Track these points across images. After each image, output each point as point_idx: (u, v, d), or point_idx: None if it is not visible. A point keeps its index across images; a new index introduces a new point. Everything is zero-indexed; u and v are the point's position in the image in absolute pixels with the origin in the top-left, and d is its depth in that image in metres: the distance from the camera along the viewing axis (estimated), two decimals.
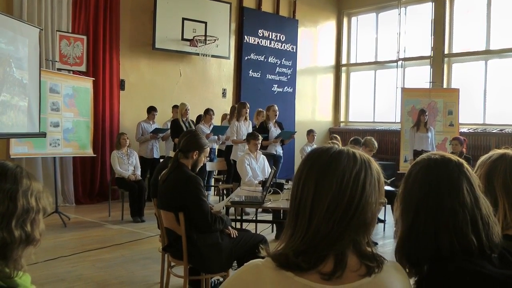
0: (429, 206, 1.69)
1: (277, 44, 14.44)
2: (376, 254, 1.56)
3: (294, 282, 1.49)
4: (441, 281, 1.61)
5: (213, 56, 12.36)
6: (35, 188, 1.72)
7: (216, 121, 11.57)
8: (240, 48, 13.69)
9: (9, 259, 1.61)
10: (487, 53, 13.09)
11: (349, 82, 16.61)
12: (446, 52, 13.70)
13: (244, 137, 9.35)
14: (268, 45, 14.23)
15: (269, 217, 8.44)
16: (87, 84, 9.87)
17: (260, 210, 8.27)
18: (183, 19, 11.97)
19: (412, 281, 1.67)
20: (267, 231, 7.80)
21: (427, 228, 1.68)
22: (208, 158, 9.41)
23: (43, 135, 8.46)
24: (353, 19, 16.45)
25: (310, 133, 12.14)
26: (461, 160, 1.80)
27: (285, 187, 6.89)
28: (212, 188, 11.40)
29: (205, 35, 12.11)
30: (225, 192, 10.40)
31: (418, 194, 1.73)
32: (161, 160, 9.79)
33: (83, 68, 10.00)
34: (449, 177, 1.73)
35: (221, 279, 5.14)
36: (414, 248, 1.69)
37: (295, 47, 14.87)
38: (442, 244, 1.64)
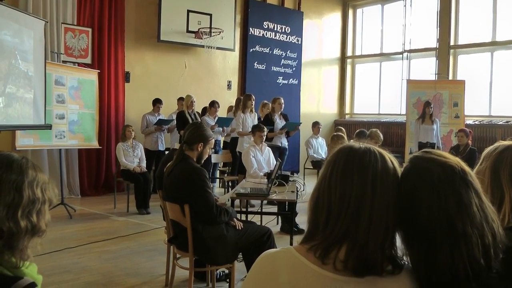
0: (442, 231, 1.56)
1: (282, 36, 14.42)
2: (397, 257, 1.57)
3: (310, 271, 1.52)
4: None
5: (218, 48, 12.35)
6: (40, 179, 1.73)
7: (222, 113, 11.54)
8: (245, 40, 13.66)
9: (15, 249, 1.62)
10: (493, 45, 13.03)
11: (354, 74, 16.59)
12: (452, 43, 13.64)
13: (250, 129, 9.34)
14: (273, 37, 14.21)
15: (274, 209, 8.44)
16: (92, 76, 9.88)
17: (265, 202, 8.29)
18: (188, 11, 11.95)
19: None
20: (272, 223, 7.80)
21: (442, 255, 1.55)
22: (213, 150, 9.42)
23: (48, 127, 8.47)
24: (359, 11, 16.40)
25: (316, 125, 12.15)
26: (463, 167, 1.64)
27: (290, 179, 6.90)
28: (217, 180, 11.40)
29: (210, 27, 12.09)
30: (230, 184, 10.41)
31: (427, 219, 1.57)
32: (166, 152, 9.81)
33: (88, 60, 10.00)
34: (458, 196, 1.58)
35: (227, 271, 5.15)
36: (430, 276, 1.58)
37: (300, 39, 14.84)
38: (457, 270, 1.53)
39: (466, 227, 1.54)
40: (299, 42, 14.84)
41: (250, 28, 13.66)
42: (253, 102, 10.34)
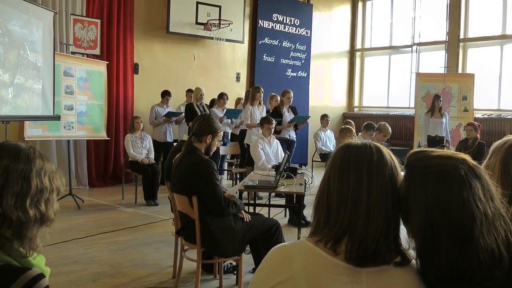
0: (441, 222, 1.53)
1: (291, 28, 14.38)
2: (404, 249, 1.63)
3: (324, 259, 1.58)
4: None
5: (227, 40, 12.34)
6: (48, 168, 1.73)
7: (230, 105, 11.56)
8: (254, 32, 13.64)
9: (24, 238, 1.63)
10: (503, 38, 12.93)
11: (363, 67, 16.53)
12: (461, 37, 13.55)
13: (258, 122, 9.34)
14: (282, 30, 14.17)
15: (282, 201, 8.44)
16: (101, 67, 9.89)
17: (273, 194, 8.28)
18: (197, 2, 11.93)
19: None
20: (280, 216, 7.81)
21: (441, 246, 1.53)
22: (222, 142, 9.42)
23: (57, 118, 8.49)
24: (368, 3, 16.30)
25: (324, 118, 12.14)
26: (472, 163, 1.60)
27: (298, 171, 6.89)
28: (226, 172, 11.40)
29: (219, 19, 12.07)
30: (238, 176, 10.42)
31: (428, 210, 1.55)
32: (175, 143, 9.82)
33: (97, 51, 9.99)
34: (460, 192, 1.53)
35: (234, 263, 5.16)
36: (430, 266, 1.58)
37: (309, 31, 14.79)
38: (459, 263, 1.51)
39: (464, 220, 1.51)
40: (308, 35, 14.80)
41: (259, 20, 13.62)
42: (262, 94, 10.33)
